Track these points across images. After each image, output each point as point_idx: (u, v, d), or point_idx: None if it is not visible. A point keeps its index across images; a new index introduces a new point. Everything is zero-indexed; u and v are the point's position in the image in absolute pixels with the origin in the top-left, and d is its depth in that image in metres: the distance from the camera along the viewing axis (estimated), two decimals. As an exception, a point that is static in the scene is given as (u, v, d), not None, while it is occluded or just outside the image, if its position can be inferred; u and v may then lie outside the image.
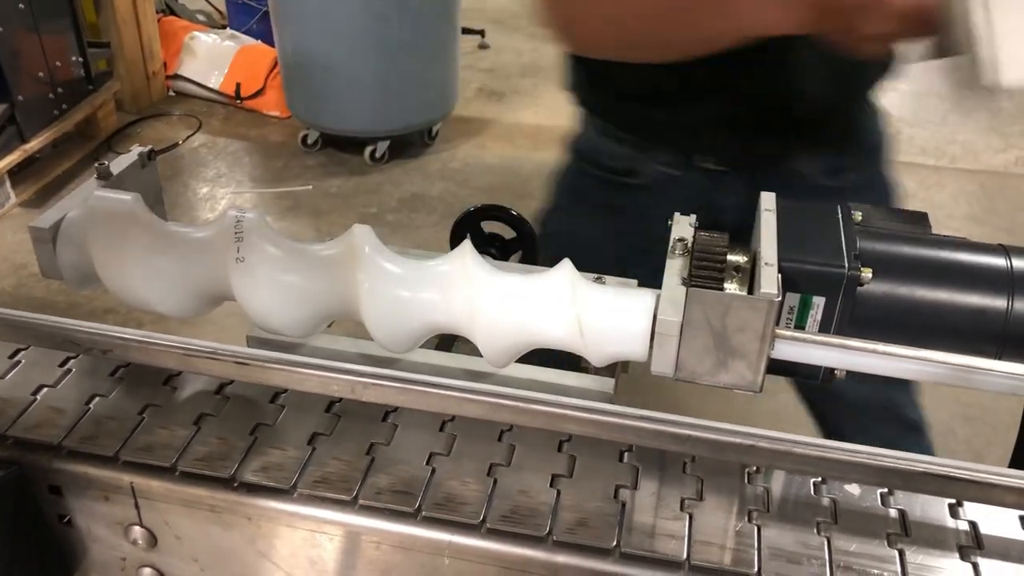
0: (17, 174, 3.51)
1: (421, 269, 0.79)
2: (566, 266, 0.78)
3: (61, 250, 0.85)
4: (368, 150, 3.78)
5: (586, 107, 1.37)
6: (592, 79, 1.33)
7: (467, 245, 0.79)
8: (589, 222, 1.39)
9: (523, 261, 1.07)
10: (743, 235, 1.23)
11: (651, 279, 1.35)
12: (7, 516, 0.78)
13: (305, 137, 3.91)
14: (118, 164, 0.93)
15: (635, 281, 0.94)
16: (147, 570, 0.82)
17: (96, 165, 0.92)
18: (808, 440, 0.65)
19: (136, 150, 0.96)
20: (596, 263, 0.98)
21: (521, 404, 0.68)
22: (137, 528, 0.79)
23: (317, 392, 0.71)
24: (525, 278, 0.78)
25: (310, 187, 3.69)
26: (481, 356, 0.80)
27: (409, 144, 3.91)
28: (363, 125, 3.72)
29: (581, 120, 1.40)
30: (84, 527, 0.81)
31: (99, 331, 0.74)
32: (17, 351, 0.88)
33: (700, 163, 1.27)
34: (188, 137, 4.10)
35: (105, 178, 0.91)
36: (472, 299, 0.77)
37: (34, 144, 3.49)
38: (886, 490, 0.75)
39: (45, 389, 0.84)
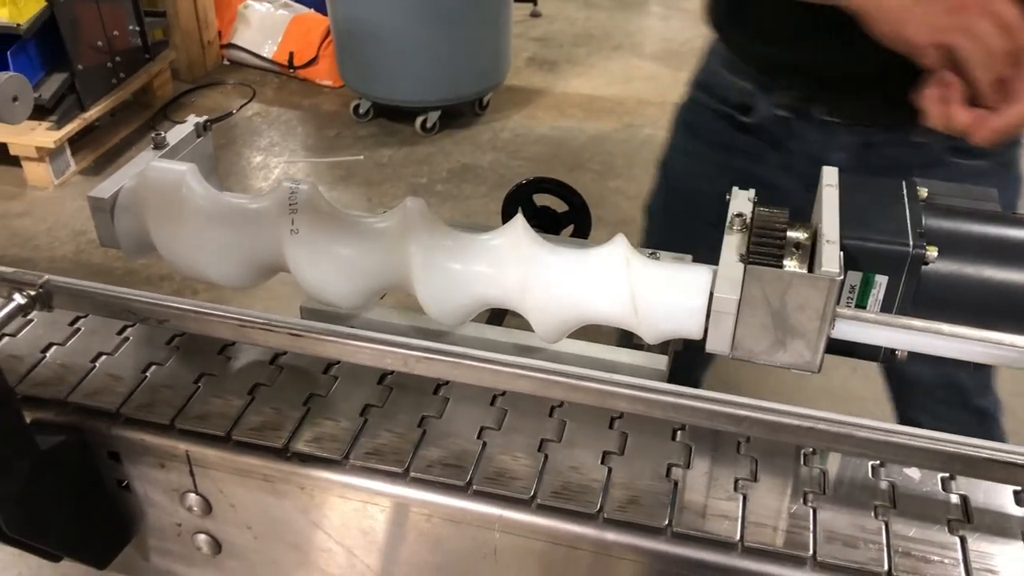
0: (77, 142, 3.57)
1: (474, 243, 0.79)
2: (620, 241, 0.76)
3: (119, 220, 0.86)
4: (419, 120, 3.77)
5: (719, 34, 1.30)
6: (731, 6, 1.27)
7: (520, 219, 0.78)
8: (702, 159, 1.35)
9: (575, 235, 1.06)
10: None
11: None
12: (69, 480, 0.80)
13: (357, 107, 3.92)
14: (174, 134, 0.94)
15: (690, 256, 0.93)
16: (202, 536, 0.83)
17: (152, 135, 0.93)
18: (868, 423, 0.64)
19: (191, 120, 0.97)
20: (708, 202, 0.97)
21: (573, 381, 0.67)
22: (192, 495, 0.80)
23: (370, 365, 0.71)
24: (578, 253, 0.77)
25: (361, 157, 3.71)
26: (532, 331, 0.79)
27: (460, 114, 3.90)
28: (414, 95, 3.72)
29: (708, 51, 1.35)
30: (141, 493, 0.83)
31: (156, 301, 0.75)
32: (77, 318, 0.90)
33: (817, 113, 1.22)
34: (242, 106, 4.13)
35: (161, 148, 0.92)
36: (524, 274, 0.76)
37: (93, 112, 3.55)
38: (947, 475, 0.73)
39: (104, 356, 0.86)
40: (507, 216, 1.10)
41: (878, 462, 0.74)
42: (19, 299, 0.76)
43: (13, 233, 3.27)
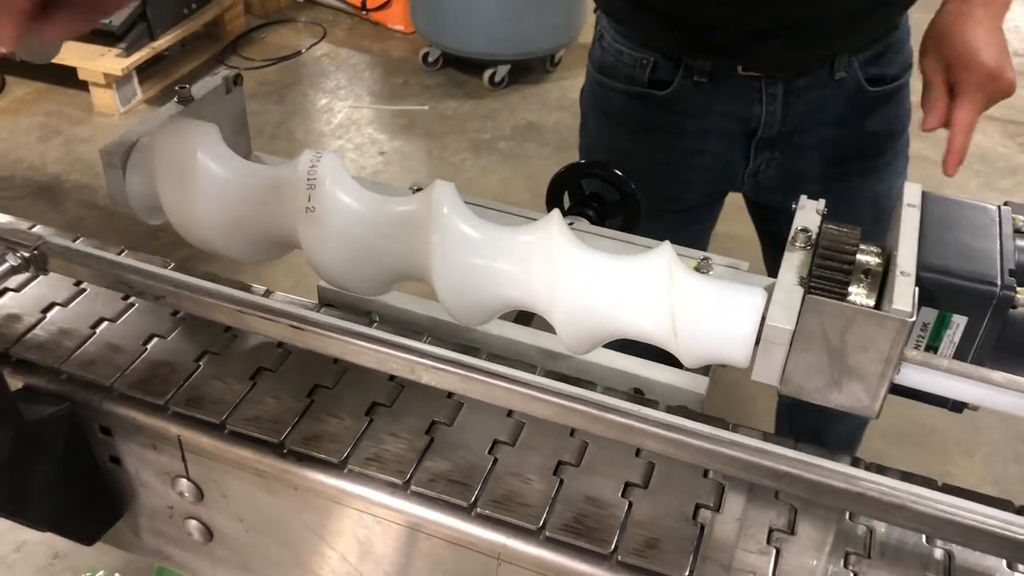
0: (145, 71, 3.56)
1: (502, 237, 0.71)
2: (665, 250, 0.68)
3: (130, 179, 0.81)
4: (488, 73, 3.67)
5: (622, 27, 1.25)
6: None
7: (555, 215, 0.70)
8: (622, 143, 1.31)
9: (624, 227, 0.97)
10: (779, 145, 1.24)
11: (695, 198, 1.32)
12: (56, 453, 0.75)
13: (426, 55, 3.83)
14: (200, 88, 0.88)
15: (747, 264, 0.84)
16: (193, 522, 0.78)
17: (177, 88, 0.87)
18: (928, 494, 0.55)
19: (221, 74, 0.90)
20: (641, 186, 0.98)
21: (595, 411, 0.60)
22: (184, 481, 0.75)
23: (374, 368, 0.65)
24: (617, 259, 0.69)
25: (426, 107, 3.63)
26: (562, 338, 0.72)
27: (530, 70, 3.79)
28: (485, 47, 3.62)
29: (601, 30, 1.29)
30: (133, 471, 0.78)
31: (153, 275, 0.69)
32: (84, 278, 0.85)
33: (733, 71, 1.18)
34: (312, 45, 4.07)
35: (185, 103, 0.86)
36: (555, 277, 0.68)
37: (162, 42, 3.53)
38: (1014, 550, 0.64)
39: (105, 323, 0.81)
40: (552, 199, 1.03)
41: (935, 526, 0.66)
42: (12, 260, 0.71)
43: (76, 158, 3.29)
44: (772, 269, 1.38)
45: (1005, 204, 0.72)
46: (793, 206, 0.74)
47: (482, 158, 3.27)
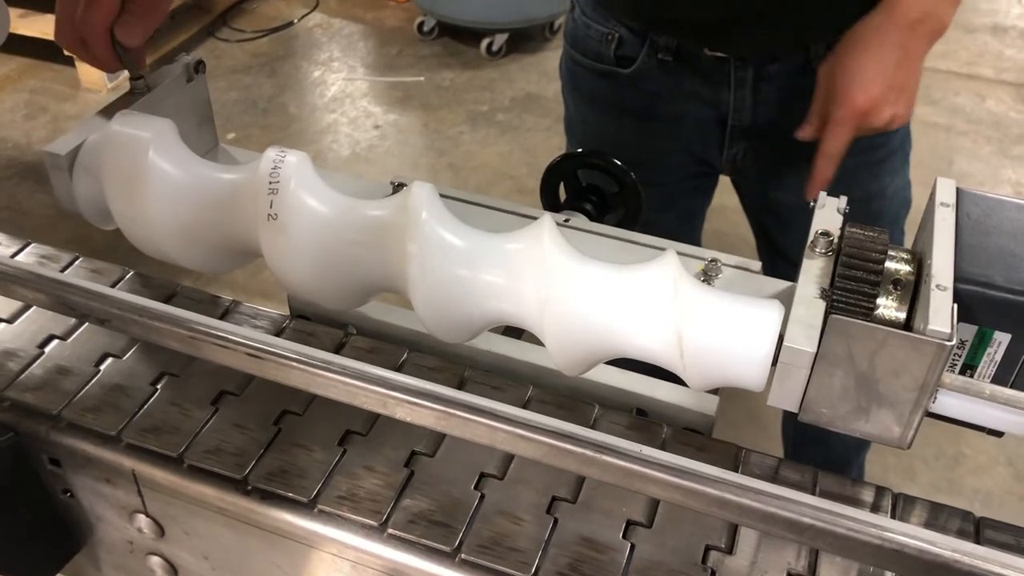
0: (132, 45, 3.46)
1: (487, 245, 0.63)
2: (669, 260, 0.60)
3: (78, 182, 0.73)
4: (485, 42, 3.56)
5: None
6: None
7: (547, 220, 0.63)
8: (598, 125, 1.24)
9: (624, 223, 0.89)
10: (757, 135, 1.15)
11: (671, 183, 1.23)
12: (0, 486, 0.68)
13: (422, 24, 3.72)
14: (157, 77, 0.80)
15: (759, 264, 0.77)
16: (155, 558, 0.72)
17: (131, 79, 0.79)
18: (982, 553, 0.48)
19: (181, 60, 0.82)
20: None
21: (591, 453, 0.52)
22: (142, 516, 0.69)
23: (341, 401, 0.57)
24: (615, 270, 0.61)
25: (422, 79, 3.53)
26: (554, 357, 0.64)
27: (529, 39, 3.68)
28: (482, 15, 3.50)
29: (574, 1, 1.21)
30: (88, 505, 0.71)
31: (97, 296, 0.61)
32: (34, 289, 0.78)
33: (703, 51, 1.09)
34: (304, 16, 3.96)
35: (140, 95, 0.78)
36: (546, 290, 0.61)
37: (149, 15, 3.43)
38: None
39: (55, 342, 0.74)
40: (547, 191, 0.95)
41: None
42: (-61, 280, 0.63)
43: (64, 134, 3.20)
44: (766, 262, 1.30)
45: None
46: (812, 204, 0.66)
47: (480, 131, 3.18)
